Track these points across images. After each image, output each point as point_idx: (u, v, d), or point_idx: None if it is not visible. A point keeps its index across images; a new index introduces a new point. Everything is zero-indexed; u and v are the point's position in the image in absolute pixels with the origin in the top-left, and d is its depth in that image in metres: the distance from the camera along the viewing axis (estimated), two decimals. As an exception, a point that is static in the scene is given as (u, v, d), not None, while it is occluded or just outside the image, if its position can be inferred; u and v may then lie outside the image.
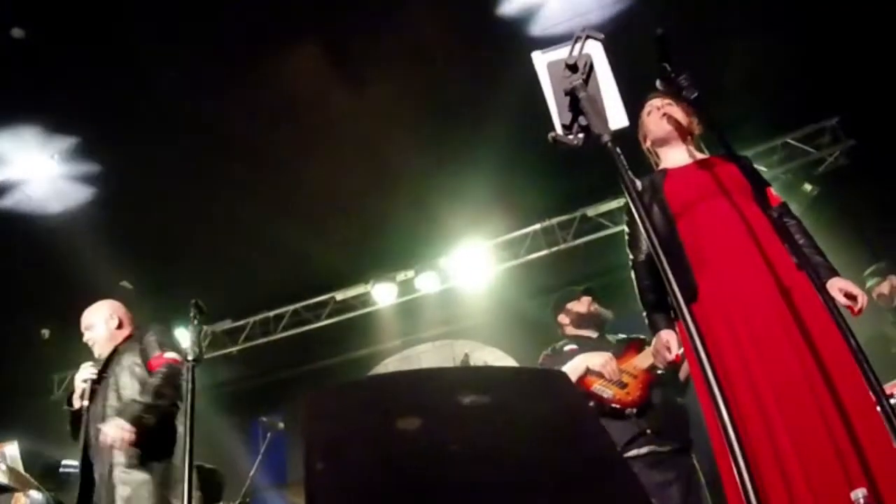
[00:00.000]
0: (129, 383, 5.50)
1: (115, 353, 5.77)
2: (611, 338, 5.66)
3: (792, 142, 9.98)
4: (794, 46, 8.14)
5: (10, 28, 7.24)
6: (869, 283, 7.50)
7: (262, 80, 8.09)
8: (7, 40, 7.23)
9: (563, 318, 5.92)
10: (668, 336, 3.83)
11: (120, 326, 6.06)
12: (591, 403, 5.03)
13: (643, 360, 5.22)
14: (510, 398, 2.32)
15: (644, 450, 4.90)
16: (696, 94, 3.29)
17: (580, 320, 5.81)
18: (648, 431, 4.95)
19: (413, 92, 8.53)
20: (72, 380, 5.80)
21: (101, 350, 5.90)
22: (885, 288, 7.49)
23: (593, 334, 5.74)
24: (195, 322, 4.39)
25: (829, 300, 3.03)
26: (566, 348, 5.63)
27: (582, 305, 5.87)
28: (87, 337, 6.03)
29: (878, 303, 7.46)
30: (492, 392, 2.31)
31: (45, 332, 11.13)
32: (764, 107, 8.67)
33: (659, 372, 5.11)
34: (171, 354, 5.57)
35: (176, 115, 8.24)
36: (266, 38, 7.72)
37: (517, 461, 2.15)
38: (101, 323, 6.02)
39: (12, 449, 6.96)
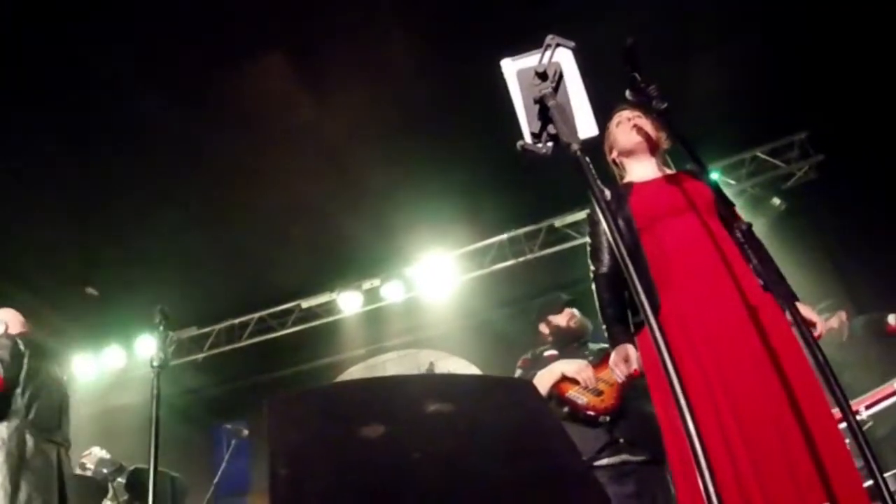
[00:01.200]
0: None
1: None
2: (592, 346, 5.63)
3: (761, 155, 10.00)
4: (764, 59, 8.18)
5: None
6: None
7: (227, 90, 8.07)
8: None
9: (544, 328, 5.87)
10: (627, 350, 3.77)
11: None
12: (566, 409, 5.00)
13: None
14: (474, 406, 2.30)
15: (616, 459, 4.89)
16: (665, 106, 3.27)
17: (560, 333, 5.75)
18: (621, 440, 4.93)
19: (378, 102, 8.51)
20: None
21: None
22: (834, 322, 7.56)
23: (574, 343, 5.73)
24: (160, 328, 4.38)
25: (796, 316, 3.03)
26: (546, 353, 5.60)
27: (563, 318, 5.80)
28: None
29: (829, 336, 7.51)
30: (456, 400, 2.29)
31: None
32: (732, 120, 8.66)
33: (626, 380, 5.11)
34: None
35: (139, 124, 8.20)
36: (230, 48, 7.69)
37: (481, 470, 2.13)
38: None
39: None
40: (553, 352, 5.58)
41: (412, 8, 7.58)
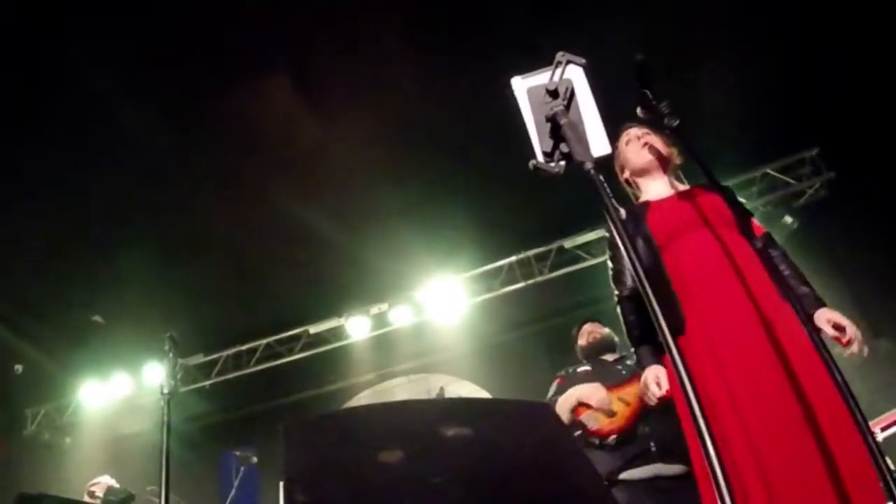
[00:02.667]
0: None
1: None
2: (630, 362, 5.59)
3: (772, 172, 9.90)
4: (773, 75, 8.14)
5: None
6: None
7: (232, 113, 8.05)
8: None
9: (577, 349, 5.91)
10: (657, 371, 3.67)
11: None
12: (578, 433, 4.97)
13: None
14: (493, 430, 2.27)
15: (648, 472, 4.79)
16: (677, 122, 3.23)
17: (584, 350, 5.78)
18: (653, 448, 4.82)
19: (384, 123, 8.49)
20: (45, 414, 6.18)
21: None
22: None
23: (609, 357, 5.70)
24: (170, 355, 4.35)
25: (812, 332, 2.98)
26: (579, 370, 5.60)
27: (583, 335, 5.85)
28: None
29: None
30: (474, 424, 2.26)
31: (19, 368, 11.02)
32: (742, 137, 8.56)
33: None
34: None
35: (143, 150, 8.20)
36: (235, 70, 7.69)
37: (500, 494, 2.09)
38: None
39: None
40: (586, 367, 5.58)
41: (417, 27, 7.56)
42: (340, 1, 7.26)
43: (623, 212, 3.76)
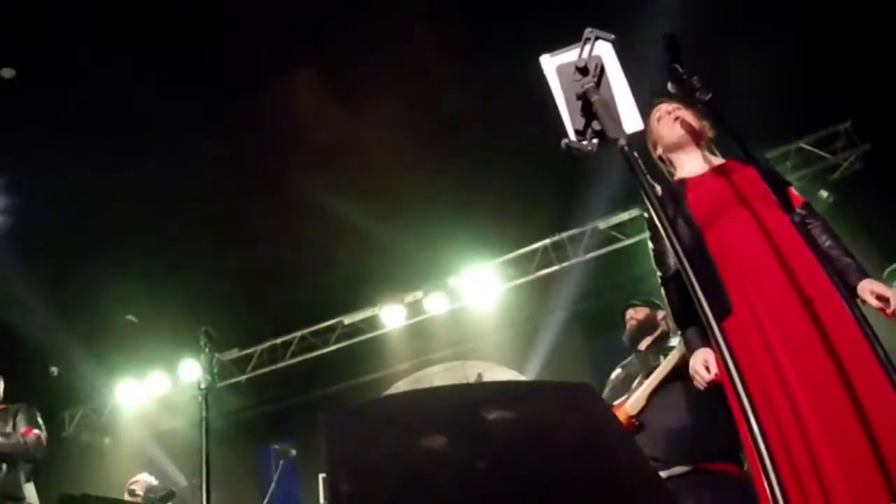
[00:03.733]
0: None
1: None
2: (674, 342, 5.57)
3: (806, 146, 9.73)
4: (805, 46, 7.99)
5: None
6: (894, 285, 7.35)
7: (262, 109, 8.06)
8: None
9: None
10: (705, 355, 3.62)
11: None
12: None
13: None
14: (536, 412, 2.24)
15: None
16: (709, 96, 3.18)
17: (626, 340, 5.87)
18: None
19: (411, 111, 8.45)
20: (83, 415, 6.40)
21: None
22: None
23: (648, 340, 5.77)
24: (206, 350, 4.35)
25: (854, 308, 2.93)
26: (612, 376, 5.74)
27: (626, 325, 5.93)
28: None
29: None
30: (516, 407, 2.23)
31: (55, 370, 11.11)
32: (774, 110, 8.30)
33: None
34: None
35: (172, 147, 8.22)
36: (263, 66, 7.69)
37: (547, 476, 2.06)
38: None
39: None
40: (618, 371, 5.74)
41: (441, 14, 7.51)
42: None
43: (659, 189, 3.71)
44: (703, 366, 3.60)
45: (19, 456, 6.22)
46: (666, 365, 5.31)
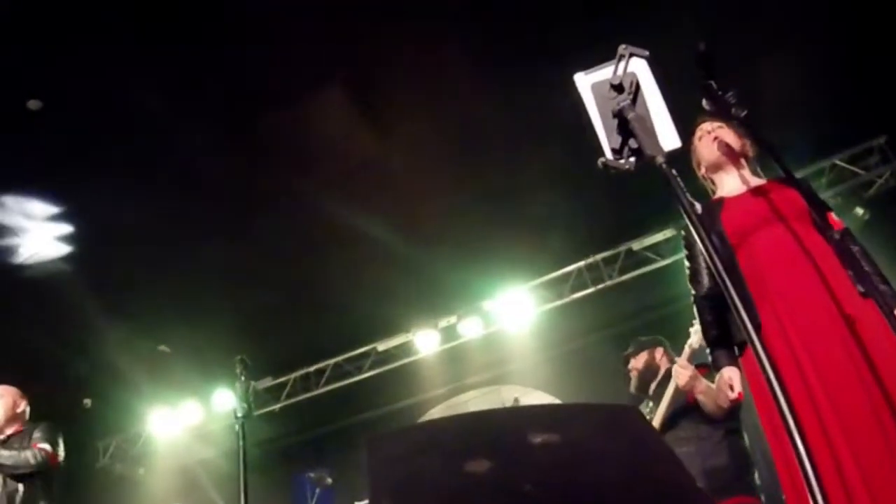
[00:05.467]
0: None
1: None
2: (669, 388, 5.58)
3: (840, 163, 9.61)
4: (836, 61, 7.92)
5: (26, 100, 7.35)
6: None
7: (290, 131, 8.05)
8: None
9: None
10: (730, 373, 3.65)
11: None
12: None
13: None
14: (582, 435, 2.21)
15: None
16: (745, 112, 3.15)
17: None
18: None
19: (444, 131, 8.43)
20: (117, 446, 6.30)
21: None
22: None
23: (651, 389, 5.87)
24: (242, 378, 4.35)
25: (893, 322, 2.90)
26: None
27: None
28: None
29: None
30: (561, 430, 2.20)
31: (88, 402, 11.18)
32: (807, 127, 8.33)
33: None
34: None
35: (201, 170, 8.25)
36: (289, 85, 7.69)
37: (594, 499, 2.03)
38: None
39: None
40: None
41: (470, 30, 7.47)
42: (393, 10, 7.21)
43: (698, 207, 3.68)
44: (728, 384, 3.63)
45: (21, 469, 5.95)
46: (663, 404, 5.43)
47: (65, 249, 8.88)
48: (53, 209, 8.35)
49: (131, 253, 9.16)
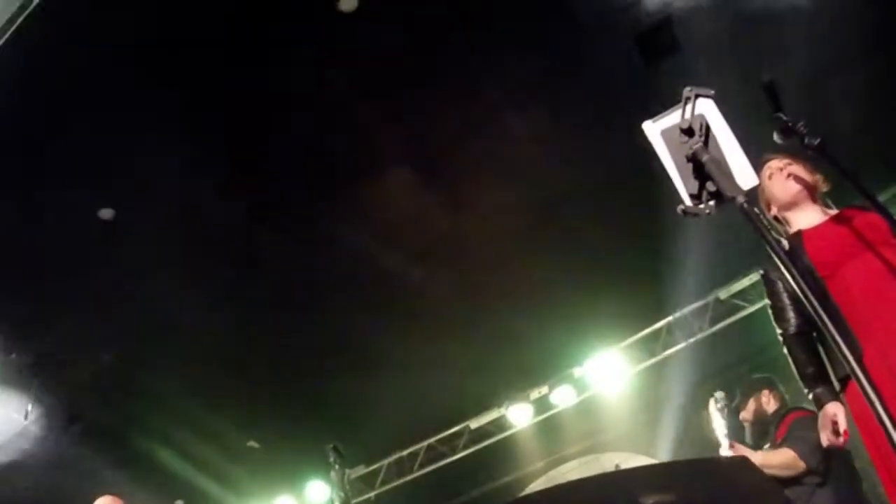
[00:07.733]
0: None
1: None
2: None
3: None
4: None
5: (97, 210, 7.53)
6: None
7: (363, 215, 8.15)
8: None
9: None
10: (835, 409, 3.42)
11: None
12: None
13: None
14: (695, 491, 2.12)
15: None
16: (819, 141, 3.06)
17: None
18: None
19: (516, 199, 8.41)
20: None
21: None
22: None
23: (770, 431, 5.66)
24: (336, 467, 4.31)
25: None
26: None
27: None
28: None
29: None
30: (674, 488, 2.11)
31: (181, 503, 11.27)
32: (882, 151, 8.06)
33: None
34: None
35: (276, 266, 8.38)
36: (359, 171, 7.79)
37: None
38: None
39: None
40: None
41: (531, 95, 7.48)
42: (453, 87, 7.28)
43: (785, 243, 3.56)
44: (833, 421, 3.39)
45: None
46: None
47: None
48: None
49: (213, 352, 9.35)
